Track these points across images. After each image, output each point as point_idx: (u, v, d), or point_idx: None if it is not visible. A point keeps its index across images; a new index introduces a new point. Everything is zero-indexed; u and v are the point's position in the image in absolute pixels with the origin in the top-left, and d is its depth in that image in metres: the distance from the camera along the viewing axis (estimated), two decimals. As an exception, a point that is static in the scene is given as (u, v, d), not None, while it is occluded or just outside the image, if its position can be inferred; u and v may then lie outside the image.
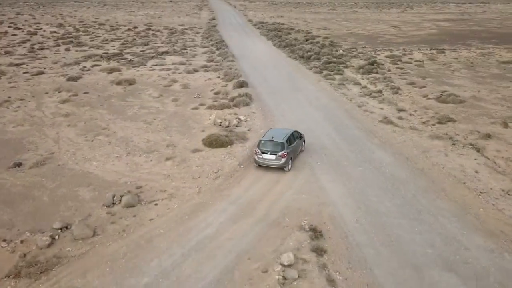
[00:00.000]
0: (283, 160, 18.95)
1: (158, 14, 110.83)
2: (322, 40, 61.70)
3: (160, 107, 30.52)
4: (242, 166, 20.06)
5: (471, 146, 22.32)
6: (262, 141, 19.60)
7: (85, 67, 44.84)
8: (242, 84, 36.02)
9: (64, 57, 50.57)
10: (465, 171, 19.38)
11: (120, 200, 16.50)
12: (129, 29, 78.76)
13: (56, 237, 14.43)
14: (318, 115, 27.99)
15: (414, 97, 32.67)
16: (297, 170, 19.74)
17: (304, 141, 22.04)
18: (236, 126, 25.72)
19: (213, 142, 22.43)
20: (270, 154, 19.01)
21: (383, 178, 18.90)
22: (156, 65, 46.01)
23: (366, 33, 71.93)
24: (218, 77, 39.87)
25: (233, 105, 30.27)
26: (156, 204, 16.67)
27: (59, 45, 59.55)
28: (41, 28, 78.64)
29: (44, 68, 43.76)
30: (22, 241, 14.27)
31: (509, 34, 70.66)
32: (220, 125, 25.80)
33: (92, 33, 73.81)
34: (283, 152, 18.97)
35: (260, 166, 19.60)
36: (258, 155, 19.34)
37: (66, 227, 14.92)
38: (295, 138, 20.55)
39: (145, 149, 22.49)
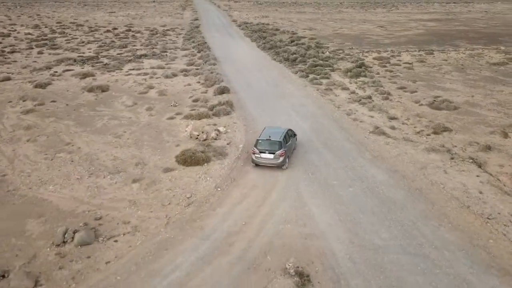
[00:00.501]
0: (281, 158, 19.15)
1: (140, 15, 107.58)
2: (307, 41, 59.66)
3: (132, 117, 27.99)
4: (219, 189, 17.71)
5: (471, 160, 20.37)
6: (260, 141, 19.61)
7: (56, 72, 41.94)
8: (223, 90, 33.72)
9: (35, 61, 47.56)
10: (468, 191, 17.38)
11: (73, 237, 14.02)
12: (108, 31, 75.61)
13: (-11, 290, 11.97)
14: (304, 125, 25.81)
15: (406, 103, 30.76)
16: (282, 192, 17.52)
17: (296, 139, 22.20)
18: (215, 139, 23.36)
19: (187, 160, 20.05)
20: (268, 153, 19.12)
21: (377, 201, 16.78)
22: (133, 69, 43.35)
23: (352, 34, 70.17)
24: (198, 82, 37.48)
25: (213, 114, 27.92)
26: (116, 241, 14.23)
27: (32, 48, 56.40)
28: (15, 30, 75.00)
29: (12, 74, 40.76)
30: None
31: (497, 34, 69.64)
32: (197, 138, 23.42)
33: (69, 34, 70.59)
34: (281, 150, 19.17)
35: (257, 165, 19.59)
36: (256, 155, 19.37)
37: (3, 276, 12.41)
38: (290, 136, 20.88)
39: (111, 168, 19.99)
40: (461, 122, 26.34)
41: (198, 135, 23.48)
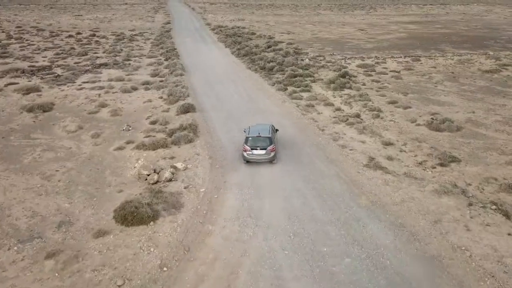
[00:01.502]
0: (272, 153, 19.71)
1: (109, 18, 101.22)
2: (285, 47, 55.21)
3: (73, 147, 22.74)
4: (165, 269, 12.72)
5: (494, 207, 16.03)
6: (250, 138, 20.00)
7: (-4, 86, 36.19)
8: (188, 109, 28.73)
9: (-24, 73, 41.44)
10: (503, 262, 12.95)
11: None
12: (70, 36, 69.47)
13: None
14: (284, 153, 21.12)
15: (400, 122, 26.45)
16: (255, 269, 12.73)
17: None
18: (169, 180, 18.36)
19: (128, 217, 14.99)
20: (260, 149, 19.59)
21: (384, 281, 12.17)
22: (87, 82, 37.86)
23: (332, 38, 66.11)
24: (161, 97, 32.40)
25: (172, 142, 22.91)
26: None
27: (-23, 57, 50.10)
28: (-35, 36, 68.13)
29: None
30: None
31: (481, 38, 66.81)
32: (146, 179, 18.39)
33: (26, 40, 64.19)
34: (271, 146, 19.73)
35: (248, 162, 20.01)
36: (248, 152, 19.77)
37: None
38: (274, 131, 21.22)
39: (23, 232, 14.78)
40: (469, 148, 22.14)
41: (148, 175, 18.44)
